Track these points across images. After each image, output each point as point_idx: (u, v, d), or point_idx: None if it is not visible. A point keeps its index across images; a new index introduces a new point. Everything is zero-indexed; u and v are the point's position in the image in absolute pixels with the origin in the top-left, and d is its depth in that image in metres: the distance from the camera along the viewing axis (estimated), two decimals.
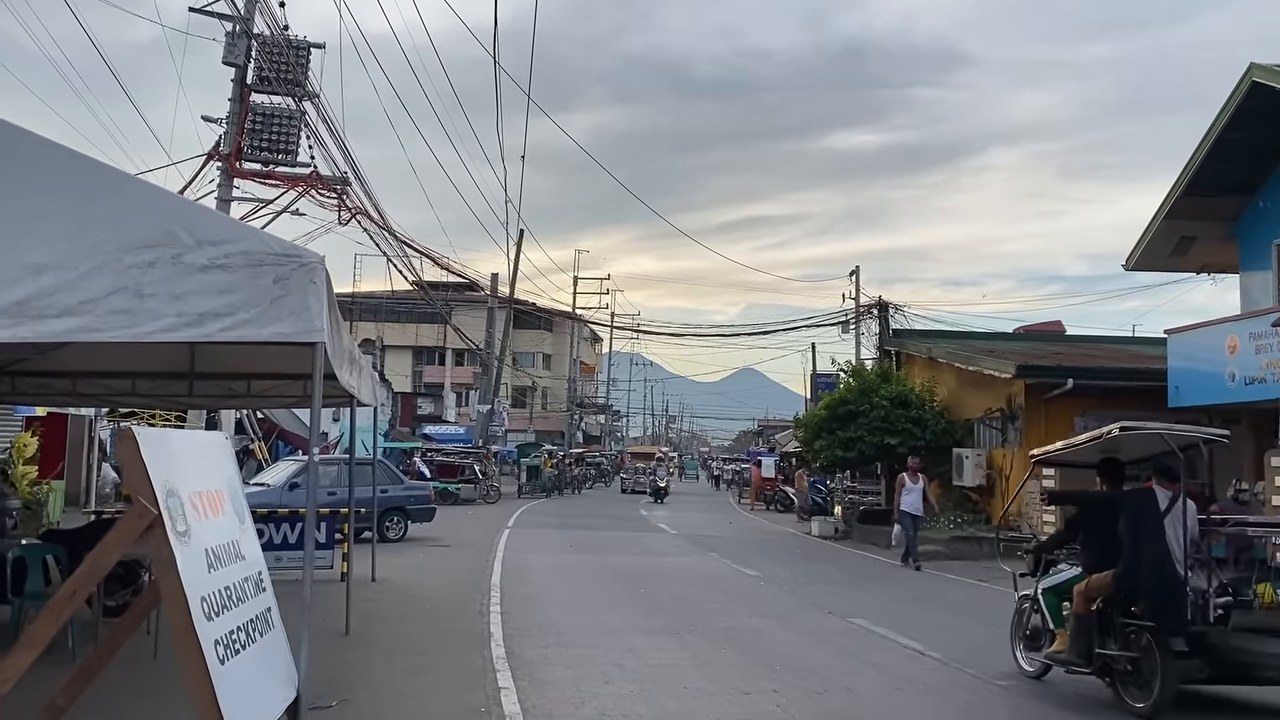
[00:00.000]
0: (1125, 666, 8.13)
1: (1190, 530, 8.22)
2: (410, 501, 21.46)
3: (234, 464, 6.06)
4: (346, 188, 28.39)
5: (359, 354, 9.97)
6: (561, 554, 19.50)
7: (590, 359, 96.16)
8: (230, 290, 5.71)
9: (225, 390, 13.56)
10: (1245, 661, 7.93)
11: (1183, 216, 20.77)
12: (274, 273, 5.78)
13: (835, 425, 25.73)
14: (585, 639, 10.35)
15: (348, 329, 7.94)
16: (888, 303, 30.98)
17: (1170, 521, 8.13)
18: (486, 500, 36.43)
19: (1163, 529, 8.10)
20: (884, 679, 9.06)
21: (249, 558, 5.59)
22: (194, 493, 4.98)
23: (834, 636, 11.15)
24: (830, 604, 13.60)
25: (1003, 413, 23.18)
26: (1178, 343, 20.27)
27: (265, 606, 5.65)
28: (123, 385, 13.01)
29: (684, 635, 10.75)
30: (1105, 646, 8.24)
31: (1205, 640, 7.88)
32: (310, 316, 5.80)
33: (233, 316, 5.71)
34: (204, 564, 4.83)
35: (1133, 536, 8.16)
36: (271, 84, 25.31)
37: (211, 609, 4.72)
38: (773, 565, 18.73)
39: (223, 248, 5.75)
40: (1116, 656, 8.15)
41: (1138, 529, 8.16)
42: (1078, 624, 8.50)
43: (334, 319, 6.51)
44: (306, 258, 5.88)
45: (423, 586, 14.19)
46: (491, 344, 46.72)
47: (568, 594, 14.06)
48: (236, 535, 5.48)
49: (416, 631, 10.55)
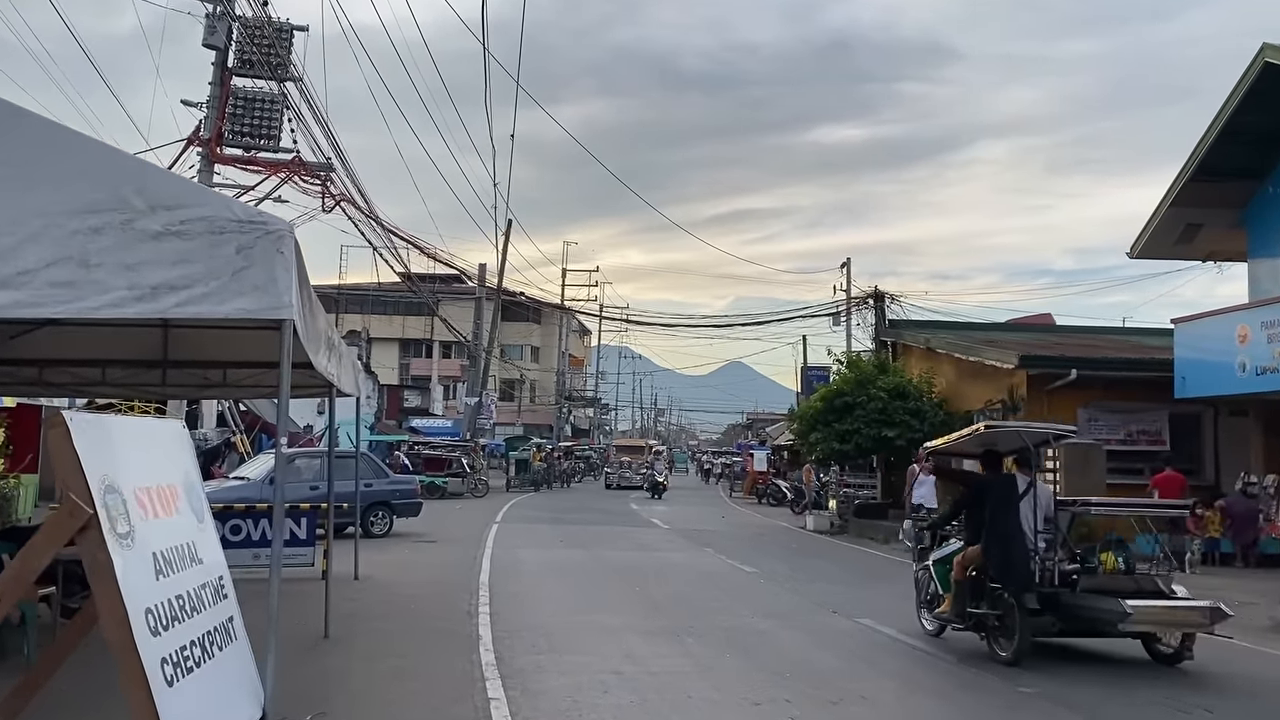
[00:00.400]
0: (993, 622, 9.63)
1: (1045, 509, 9.86)
2: (395, 496, 20.84)
3: (191, 455, 5.41)
4: (330, 174, 27.80)
5: (339, 339, 9.29)
6: (552, 550, 18.89)
7: (579, 352, 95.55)
8: (187, 260, 5.09)
9: (200, 380, 12.90)
10: (1089, 617, 9.35)
11: (1190, 203, 20.27)
12: (236, 241, 5.16)
13: (831, 417, 25.16)
14: (580, 642, 9.74)
15: (327, 314, 7.28)
16: (884, 293, 30.39)
17: (1026, 503, 9.74)
18: (474, 494, 35.81)
19: (1017, 509, 9.67)
20: (900, 685, 8.48)
21: (208, 561, 4.96)
22: (141, 488, 4.36)
23: (842, 638, 10.56)
24: (834, 602, 13.03)
25: (1003, 404, 22.62)
26: (1185, 332, 19.74)
27: (226, 616, 5.03)
28: (92, 374, 12.36)
29: (684, 638, 10.15)
30: (977, 606, 9.76)
31: (1057, 600, 9.47)
32: (278, 290, 5.18)
33: (190, 290, 5.08)
34: (150, 570, 4.21)
35: (992, 514, 9.75)
36: (253, 67, 24.69)
37: (159, 622, 4.10)
38: (770, 561, 18.15)
39: (179, 213, 5.13)
40: (985, 614, 9.67)
41: (995, 508, 9.75)
42: (956, 588, 10.05)
43: (306, 296, 5.87)
44: (273, 225, 5.26)
45: (408, 585, 13.57)
46: (479, 335, 46.03)
47: (560, 592, 13.45)
48: (192, 536, 4.85)
49: (400, 633, 9.92)
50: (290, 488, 18.75)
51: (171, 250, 5.07)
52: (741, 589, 14.51)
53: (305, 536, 13.92)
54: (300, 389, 13.07)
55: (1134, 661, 9.54)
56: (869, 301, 30.96)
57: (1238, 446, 20.73)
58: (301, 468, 19.86)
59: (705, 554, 19.29)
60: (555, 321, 77.38)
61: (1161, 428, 21.63)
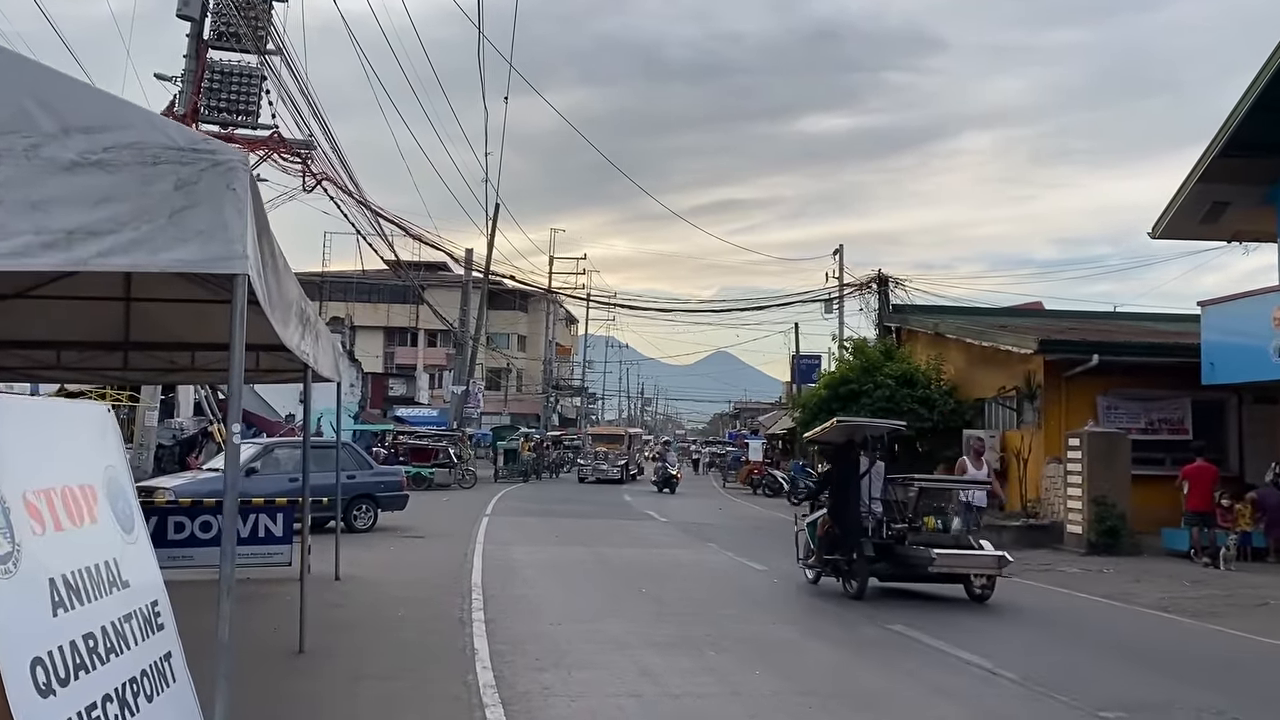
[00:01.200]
0: (844, 567, 12.69)
1: (880, 483, 13.03)
2: (380, 488, 19.68)
3: (118, 446, 4.25)
4: (311, 152, 26.64)
5: (315, 315, 8.06)
6: (547, 546, 17.79)
7: (566, 341, 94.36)
8: (111, 198, 3.97)
9: (166, 363, 11.77)
10: (911, 563, 12.35)
11: (1218, 180, 19.23)
12: (175, 175, 4.04)
13: (837, 405, 24.08)
14: (588, 657, 8.63)
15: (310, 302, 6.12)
16: (887, 277, 29.30)
17: (868, 479, 12.88)
18: (462, 485, 34.67)
19: (858, 484, 12.77)
20: (963, 711, 7.37)
21: (137, 583, 3.84)
22: (36, 491, 3.25)
23: (879, 650, 9.47)
24: (857, 605, 11.97)
25: (1018, 391, 21.61)
26: (1214, 315, 18.71)
27: (161, 653, 3.91)
28: (46, 357, 11.23)
29: (704, 650, 9.05)
30: (833, 555, 12.81)
31: (890, 550, 12.56)
32: (228, 237, 4.05)
33: (115, 235, 3.97)
34: (44, 604, 3.10)
35: (839, 486, 12.94)
36: (230, 40, 23.52)
37: (54, 676, 2.99)
38: (778, 557, 17.00)
39: (101, 137, 4.01)
40: (838, 561, 12.76)
41: (844, 483, 12.87)
42: (819, 543, 13.10)
43: (268, 250, 4.74)
44: (222, 154, 4.13)
45: (394, 586, 12.45)
46: (466, 322, 44.83)
47: (560, 596, 12.33)
48: (115, 552, 3.73)
49: (386, 647, 8.78)
50: (269, 480, 17.60)
51: (91, 185, 3.96)
52: (754, 590, 13.44)
53: (281, 533, 12.82)
54: (275, 373, 11.92)
55: (961, 600, 12.45)
56: (872, 286, 29.87)
57: (1265, 435, 19.78)
58: (281, 458, 18.69)
59: (709, 550, 18.21)
60: (542, 309, 76.19)
61: (1184, 416, 20.65)
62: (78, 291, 9.34)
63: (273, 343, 8.45)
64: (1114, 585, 14.56)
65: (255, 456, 18.39)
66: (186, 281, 8.60)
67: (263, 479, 17.55)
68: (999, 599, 12.37)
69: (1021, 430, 21.44)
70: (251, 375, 12.17)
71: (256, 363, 11.16)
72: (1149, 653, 9.90)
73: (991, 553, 12.29)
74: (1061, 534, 18.94)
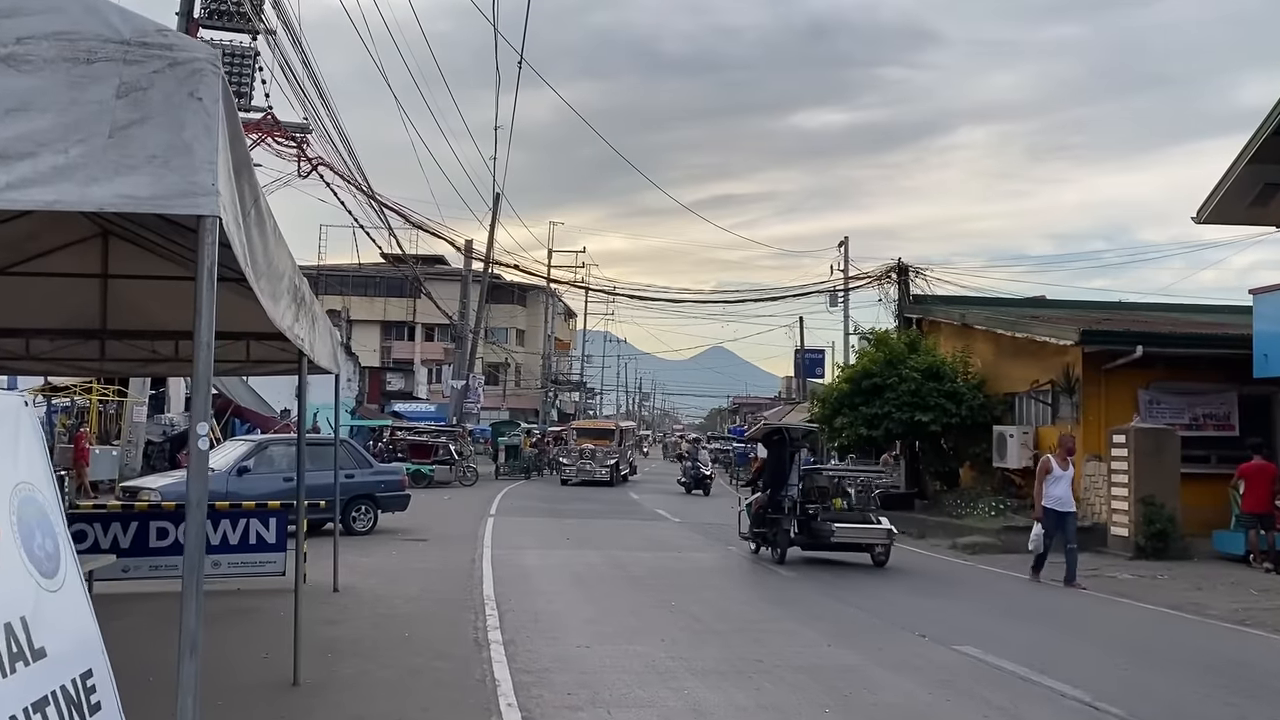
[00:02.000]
0: (771, 538, 15.84)
1: (800, 472, 15.95)
2: (380, 488, 18.52)
3: (37, 456, 3.05)
4: (307, 135, 25.53)
5: (311, 297, 6.83)
6: (559, 549, 16.65)
7: (564, 335, 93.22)
8: (27, 107, 2.85)
9: (147, 352, 10.61)
10: (820, 535, 15.13)
11: (1271, 159, 18.08)
12: (118, 77, 2.90)
13: (859, 400, 22.97)
14: (626, 689, 7.48)
15: (291, 255, 4.96)
16: (908, 266, 28.12)
17: (794, 466, 15.97)
18: (463, 482, 33.52)
19: (786, 469, 16.00)
20: None
21: (58, 651, 2.70)
22: None
23: (955, 678, 8.27)
24: (911, 621, 10.84)
25: (1054, 385, 20.49)
26: (1267, 304, 17.57)
27: None
28: (14, 346, 10.09)
29: (757, 679, 7.91)
30: (761, 528, 16.16)
31: (807, 525, 15.23)
32: (191, 164, 2.91)
33: (31, 160, 2.83)
34: None
35: (771, 471, 16.47)
36: (223, 18, 22.36)
37: None
38: (807, 563, 15.91)
39: (13, 23, 2.87)
40: (766, 533, 16.07)
41: (773, 471, 16.41)
42: (753, 519, 16.39)
43: (249, 192, 3.60)
44: (185, 50, 2.99)
45: (398, 599, 11.30)
46: (465, 314, 43.65)
47: (582, 609, 11.18)
48: (24, 609, 2.58)
49: (394, 678, 7.63)
50: (263, 479, 16.48)
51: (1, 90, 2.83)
52: (796, 603, 12.28)
53: (275, 540, 11.68)
54: (268, 364, 10.76)
55: (866, 566, 15.28)
56: (891, 276, 28.69)
57: None
58: (275, 456, 17.54)
59: (732, 553, 17.06)
60: (540, 303, 75.03)
61: (1230, 411, 19.56)
62: (47, 268, 8.22)
63: (265, 329, 7.34)
64: (1176, 594, 13.46)
65: (248, 454, 17.28)
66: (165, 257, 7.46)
67: (256, 478, 16.46)
68: (1065, 615, 11.59)
69: (1057, 426, 20.28)
70: (242, 366, 11.03)
71: (247, 353, 10.06)
72: (1244, 678, 8.77)
73: (883, 526, 15.22)
74: (1105, 537, 17.84)
